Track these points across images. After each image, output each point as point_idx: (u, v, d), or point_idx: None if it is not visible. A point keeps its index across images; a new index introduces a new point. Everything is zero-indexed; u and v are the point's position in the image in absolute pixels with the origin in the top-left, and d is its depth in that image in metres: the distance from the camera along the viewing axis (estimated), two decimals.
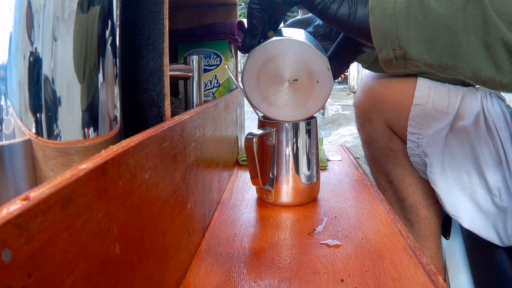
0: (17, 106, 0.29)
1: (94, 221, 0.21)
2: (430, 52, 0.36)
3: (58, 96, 0.30)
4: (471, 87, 0.77)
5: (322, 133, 4.10)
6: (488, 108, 0.71)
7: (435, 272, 0.41)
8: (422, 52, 0.36)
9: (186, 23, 0.93)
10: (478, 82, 0.36)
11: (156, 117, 0.42)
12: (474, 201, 0.70)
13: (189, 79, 0.58)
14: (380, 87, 0.82)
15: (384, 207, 0.59)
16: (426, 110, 0.75)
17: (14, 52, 0.29)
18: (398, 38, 0.36)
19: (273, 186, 0.60)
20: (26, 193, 0.17)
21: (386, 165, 0.87)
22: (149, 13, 0.40)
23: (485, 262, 0.72)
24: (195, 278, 0.40)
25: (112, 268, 0.23)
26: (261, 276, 0.41)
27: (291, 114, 0.54)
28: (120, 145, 0.27)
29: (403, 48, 0.37)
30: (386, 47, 0.38)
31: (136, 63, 0.41)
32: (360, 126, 0.90)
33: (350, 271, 0.41)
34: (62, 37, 0.30)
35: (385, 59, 0.39)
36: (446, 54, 0.36)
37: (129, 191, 0.26)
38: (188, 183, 0.42)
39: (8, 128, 0.29)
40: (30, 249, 0.16)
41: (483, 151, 0.69)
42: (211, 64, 0.84)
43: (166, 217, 0.34)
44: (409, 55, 0.37)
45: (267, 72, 0.51)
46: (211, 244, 0.48)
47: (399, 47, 0.37)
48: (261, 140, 0.60)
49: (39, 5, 0.29)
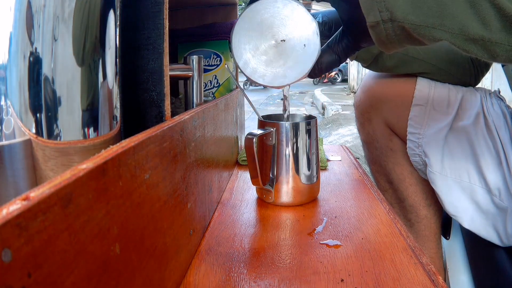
0: (17, 106, 0.29)
1: (94, 221, 0.21)
2: (416, 12, 0.36)
3: (58, 96, 0.30)
4: (471, 87, 0.77)
5: (322, 133, 4.10)
6: (488, 108, 0.71)
7: (435, 272, 0.41)
8: (408, 12, 0.37)
9: (186, 23, 0.93)
10: (468, 41, 0.36)
11: (156, 117, 0.42)
12: (474, 201, 0.70)
13: (189, 79, 0.58)
14: (380, 87, 0.82)
15: (384, 207, 0.59)
16: (426, 110, 0.75)
17: (14, 52, 0.29)
18: (384, 0, 0.37)
19: (273, 186, 0.60)
20: (26, 193, 0.17)
21: (386, 165, 0.87)
22: (149, 13, 0.40)
23: (485, 262, 0.72)
24: (195, 278, 0.40)
25: (112, 268, 0.23)
26: (261, 276, 0.41)
27: (271, 79, 0.52)
28: (120, 145, 0.27)
29: (389, 9, 0.37)
30: (373, 9, 0.38)
31: (136, 63, 0.41)
32: (360, 126, 0.90)
33: (350, 271, 0.41)
34: (62, 37, 0.30)
35: (373, 23, 0.39)
36: (431, 13, 0.36)
37: (129, 191, 0.26)
38: (188, 183, 0.42)
39: (8, 128, 0.29)
40: (30, 249, 0.16)
41: (483, 151, 0.69)
42: (211, 64, 0.84)
43: (166, 217, 0.34)
44: (395, 16, 0.37)
45: (256, 31, 0.50)
46: (211, 244, 0.48)
47: (385, 8, 0.37)
48: (261, 140, 0.60)
49: (39, 5, 0.29)
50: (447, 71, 0.76)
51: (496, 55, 0.36)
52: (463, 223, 0.71)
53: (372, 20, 0.39)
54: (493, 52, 0.36)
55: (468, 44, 0.36)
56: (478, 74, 0.78)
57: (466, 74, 0.77)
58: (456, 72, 0.77)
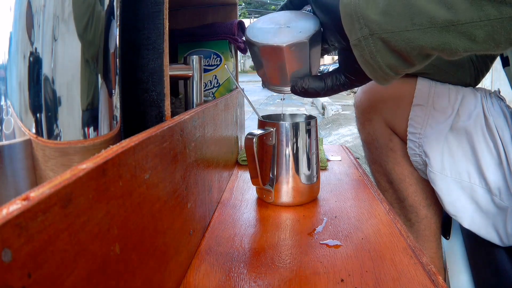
0: (17, 106, 0.29)
1: (94, 221, 0.21)
2: (388, 19, 0.37)
3: (58, 96, 0.30)
4: (471, 88, 0.77)
5: (322, 133, 4.10)
6: (488, 108, 0.71)
7: (435, 272, 0.41)
8: (382, 22, 0.38)
9: (186, 23, 0.93)
10: (441, 33, 0.35)
11: (156, 117, 0.42)
12: (474, 201, 0.70)
13: (189, 79, 0.58)
14: (380, 87, 0.82)
15: (384, 207, 0.59)
16: (426, 110, 0.75)
17: (14, 52, 0.29)
18: (362, 17, 0.38)
19: (273, 186, 0.60)
20: (26, 193, 0.17)
21: (386, 165, 0.87)
22: (149, 13, 0.40)
23: (485, 262, 0.72)
24: (195, 278, 0.40)
25: (112, 268, 0.23)
26: (261, 276, 0.41)
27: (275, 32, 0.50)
28: (120, 145, 0.27)
29: (367, 25, 0.38)
30: (354, 28, 0.39)
31: (136, 63, 0.41)
32: (360, 126, 0.90)
33: (350, 271, 0.41)
34: (62, 37, 0.30)
35: (355, 42, 0.40)
36: (402, 16, 0.37)
37: (129, 191, 0.26)
38: (188, 183, 0.42)
39: (8, 128, 0.29)
40: (30, 249, 0.16)
41: (483, 151, 0.69)
42: (211, 64, 0.84)
43: (166, 217, 0.34)
44: (372, 29, 0.38)
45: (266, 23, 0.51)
46: (211, 244, 0.48)
47: (364, 24, 0.39)
48: (261, 140, 0.60)
49: (39, 5, 0.29)
50: (447, 71, 0.76)
51: (480, 38, 0.34)
52: (463, 223, 0.71)
53: (354, 38, 0.40)
54: (472, 36, 0.35)
55: (443, 37, 0.36)
56: (478, 75, 0.78)
57: (466, 74, 0.77)
58: (456, 72, 0.77)
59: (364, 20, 0.38)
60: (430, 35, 0.36)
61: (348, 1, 0.40)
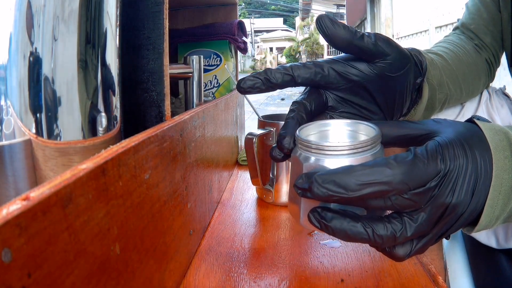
0: (17, 106, 0.29)
1: (94, 221, 0.21)
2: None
3: (58, 96, 0.30)
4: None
5: None
6: (495, 104, 0.71)
7: (435, 272, 0.41)
8: None
9: (186, 23, 0.93)
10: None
11: (156, 117, 0.42)
12: None
13: (189, 79, 0.58)
14: None
15: None
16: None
17: (14, 52, 0.29)
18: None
19: (273, 186, 0.60)
20: (26, 193, 0.17)
21: None
22: (149, 13, 0.40)
23: (485, 262, 0.72)
24: (195, 278, 0.40)
25: (112, 268, 0.23)
26: (261, 276, 0.41)
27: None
28: (120, 145, 0.27)
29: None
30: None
31: (136, 63, 0.41)
32: None
33: (350, 271, 0.41)
34: (62, 37, 0.30)
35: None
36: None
37: (129, 191, 0.26)
38: (188, 183, 0.42)
39: (8, 128, 0.29)
40: (30, 249, 0.16)
41: None
42: (211, 64, 0.84)
43: (166, 217, 0.34)
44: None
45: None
46: (211, 244, 0.48)
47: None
48: (261, 140, 0.60)
49: (39, 5, 0.29)
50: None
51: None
52: None
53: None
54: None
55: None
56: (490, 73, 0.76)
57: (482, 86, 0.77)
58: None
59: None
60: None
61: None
